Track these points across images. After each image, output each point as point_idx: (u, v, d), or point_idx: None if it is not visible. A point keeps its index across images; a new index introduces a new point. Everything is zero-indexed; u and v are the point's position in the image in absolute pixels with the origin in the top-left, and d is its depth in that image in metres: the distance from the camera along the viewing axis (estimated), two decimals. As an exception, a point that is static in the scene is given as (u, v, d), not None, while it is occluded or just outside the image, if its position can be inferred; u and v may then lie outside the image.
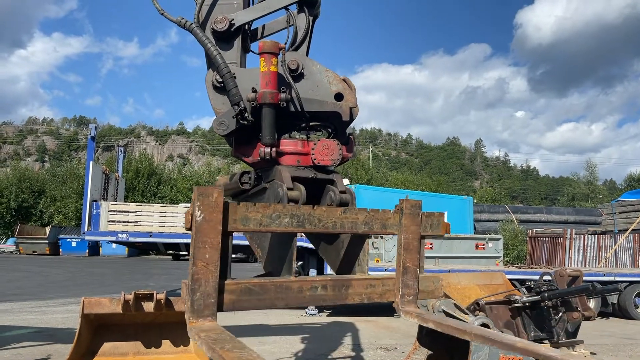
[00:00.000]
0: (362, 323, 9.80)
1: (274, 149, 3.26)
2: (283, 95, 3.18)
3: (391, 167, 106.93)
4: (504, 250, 17.84)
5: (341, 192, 3.35)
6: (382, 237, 15.74)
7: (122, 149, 16.76)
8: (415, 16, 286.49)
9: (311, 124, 3.52)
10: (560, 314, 5.45)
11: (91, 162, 10.53)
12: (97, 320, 6.10)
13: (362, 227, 3.05)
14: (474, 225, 25.17)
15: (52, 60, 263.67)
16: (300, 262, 11.99)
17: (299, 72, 3.34)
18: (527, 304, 5.30)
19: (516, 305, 5.24)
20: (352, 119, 3.44)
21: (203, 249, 2.67)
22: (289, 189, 3.18)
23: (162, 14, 3.51)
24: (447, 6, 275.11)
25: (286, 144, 3.37)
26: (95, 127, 11.36)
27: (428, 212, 3.21)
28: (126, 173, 37.35)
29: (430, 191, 42.33)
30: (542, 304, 5.35)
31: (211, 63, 3.35)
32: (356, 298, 3.04)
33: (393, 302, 3.17)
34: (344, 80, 3.46)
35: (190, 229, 2.62)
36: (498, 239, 16.76)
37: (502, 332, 3.86)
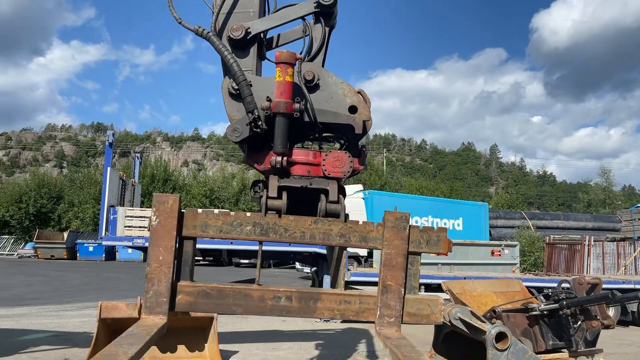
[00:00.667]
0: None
1: (285, 158, 3.27)
2: (297, 106, 3.19)
3: (405, 173, 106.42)
4: (520, 257, 17.62)
5: (331, 202, 3.27)
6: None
7: (138, 155, 16.97)
8: (430, 21, 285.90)
9: (324, 135, 3.52)
10: (579, 322, 5.35)
11: (109, 168, 10.68)
12: (113, 324, 6.17)
13: (337, 239, 2.94)
14: (490, 232, 24.92)
15: (70, 67, 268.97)
16: (314, 269, 11.99)
17: (314, 82, 3.35)
18: (545, 312, 5.22)
19: (534, 313, 5.16)
20: (365, 131, 3.44)
21: (157, 251, 2.87)
22: (273, 197, 3.20)
23: (179, 23, 3.57)
24: (462, 11, 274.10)
25: (297, 154, 3.38)
26: (113, 134, 11.51)
27: (426, 226, 2.94)
28: (142, 179, 37.78)
29: (445, 197, 42.00)
30: (561, 312, 5.26)
31: (227, 70, 3.40)
32: (326, 313, 2.96)
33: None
34: (359, 92, 3.45)
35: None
36: (514, 246, 16.55)
37: (520, 340, 3.81)
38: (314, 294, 3.01)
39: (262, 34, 3.64)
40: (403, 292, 2.83)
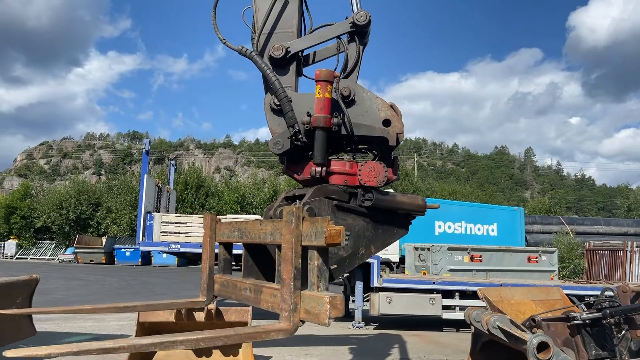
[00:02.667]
0: (409, 337, 9.61)
1: (324, 169, 3.48)
2: (335, 120, 3.41)
3: (437, 177, 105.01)
4: (559, 263, 17.08)
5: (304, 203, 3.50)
6: (428, 249, 15.45)
7: (173, 162, 17.36)
8: (461, 23, 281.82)
9: (359, 146, 3.78)
10: (623, 332, 5.14)
11: (145, 176, 10.95)
12: (150, 328, 6.31)
13: (269, 237, 3.07)
14: (526, 238, 24.28)
15: (107, 77, 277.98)
16: (345, 274, 11.93)
17: (350, 98, 3.56)
18: (587, 321, 5.03)
19: (575, 322, 4.98)
20: (398, 143, 3.63)
21: (204, 254, 3.93)
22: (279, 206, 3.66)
23: (224, 43, 3.83)
24: (495, 11, 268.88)
25: (335, 165, 3.59)
26: (149, 142, 11.81)
27: (316, 218, 2.75)
28: (176, 185, 38.61)
29: (480, 202, 41.21)
30: (604, 321, 5.06)
31: (269, 87, 3.63)
32: (264, 304, 3.15)
33: None
34: (391, 106, 3.63)
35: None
36: (552, 252, 16.06)
37: (562, 350, 3.69)
38: (260, 286, 3.25)
39: (300, 52, 3.88)
40: (293, 287, 2.75)
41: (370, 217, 3.59)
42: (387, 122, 3.57)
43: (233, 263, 4.16)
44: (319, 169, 3.45)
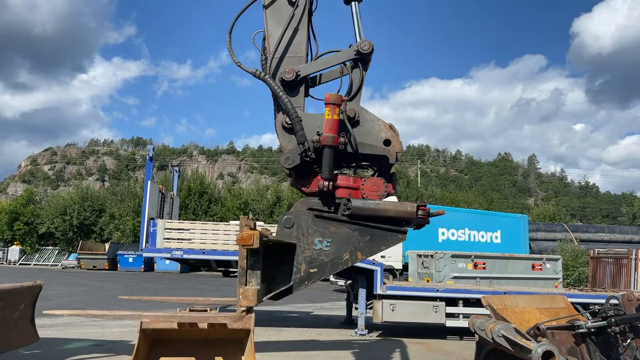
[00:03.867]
0: (413, 345, 9.56)
1: (331, 183, 3.81)
2: (342, 139, 3.77)
3: (440, 184, 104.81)
4: (563, 271, 17.00)
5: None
6: (431, 257, 15.40)
7: (177, 168, 17.40)
8: (465, 30, 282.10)
9: (362, 163, 4.11)
10: (629, 340, 5.09)
11: (149, 182, 10.96)
12: (153, 335, 6.28)
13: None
14: (530, 245, 24.16)
15: (111, 83, 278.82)
16: (349, 282, 11.91)
17: (355, 119, 3.95)
18: (592, 330, 4.99)
19: (580, 331, 4.95)
20: (396, 161, 4.02)
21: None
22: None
23: (239, 66, 4.21)
24: (498, 18, 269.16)
25: (340, 179, 3.93)
26: (153, 148, 11.83)
27: (250, 225, 3.29)
28: (180, 191, 38.68)
29: (482, 209, 41.09)
30: (609, 329, 5.02)
31: (281, 107, 4.00)
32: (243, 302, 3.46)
33: None
34: (390, 126, 4.03)
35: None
36: (557, 260, 16.00)
37: (567, 359, 3.66)
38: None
39: (308, 75, 4.29)
40: (238, 282, 3.23)
41: (356, 225, 3.82)
42: (387, 142, 3.96)
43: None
44: (326, 183, 3.78)
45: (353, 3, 4.46)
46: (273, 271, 3.78)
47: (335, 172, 3.94)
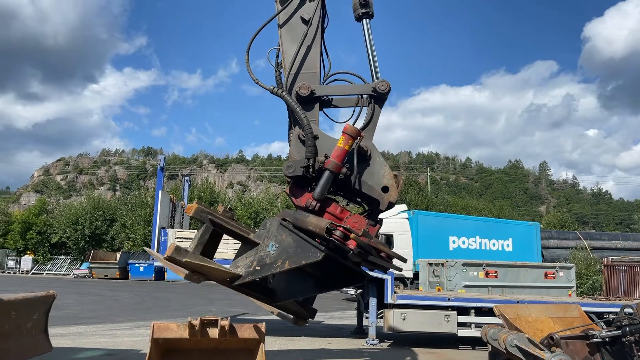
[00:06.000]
0: (424, 354, 9.48)
1: (318, 205, 3.91)
2: (344, 170, 3.89)
3: (450, 192, 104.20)
4: (576, 279, 16.77)
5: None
6: (442, 265, 15.29)
7: (187, 178, 17.52)
8: (474, 36, 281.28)
9: (355, 198, 4.23)
10: (645, 350, 5.01)
11: (160, 191, 11.05)
12: (165, 344, 6.30)
13: None
14: (542, 253, 23.90)
15: (122, 93, 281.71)
16: (359, 291, 11.86)
17: (365, 156, 4.10)
18: (606, 339, 4.92)
19: (595, 340, 4.88)
20: (387, 209, 4.13)
21: None
22: None
23: (257, 83, 4.38)
24: (508, 24, 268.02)
25: (331, 206, 4.02)
26: (164, 158, 11.94)
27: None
28: (190, 201, 38.85)
29: (493, 217, 40.76)
30: (624, 339, 4.95)
31: (297, 122, 4.19)
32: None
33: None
34: (395, 175, 4.18)
35: None
36: (570, 268, 15.79)
37: (581, 369, 3.62)
38: None
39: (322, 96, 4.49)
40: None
41: (297, 236, 3.86)
42: (385, 189, 4.08)
43: None
44: (314, 202, 3.88)
45: (364, 20, 4.57)
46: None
47: (329, 196, 4.06)
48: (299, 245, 3.79)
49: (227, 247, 11.08)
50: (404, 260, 3.96)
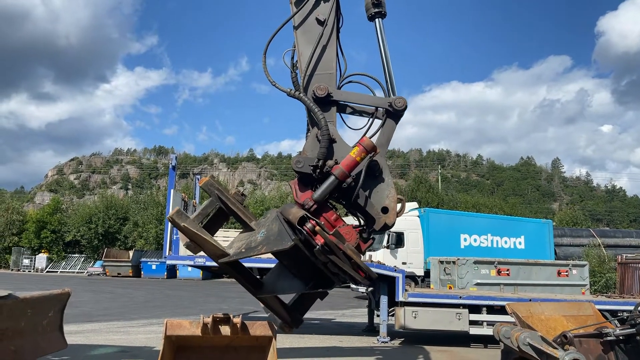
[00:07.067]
0: (436, 352, 9.45)
1: (315, 206, 3.91)
2: (349, 180, 3.89)
3: (461, 189, 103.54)
4: (590, 277, 16.59)
5: None
6: (454, 263, 15.22)
7: (199, 176, 17.64)
8: (486, 32, 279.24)
9: (352, 210, 4.21)
10: (660, 349, 4.96)
11: (172, 190, 11.13)
12: (178, 341, 6.36)
13: None
14: (555, 251, 23.67)
15: (134, 93, 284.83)
16: (370, 289, 11.85)
17: (375, 172, 4.09)
18: (621, 338, 4.87)
19: (609, 338, 4.83)
20: (381, 231, 4.16)
21: None
22: None
23: (274, 85, 4.39)
24: (521, 19, 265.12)
25: (326, 210, 4.03)
26: (176, 157, 12.02)
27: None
28: (202, 199, 39.06)
29: (505, 214, 40.44)
30: (638, 337, 4.90)
31: (315, 123, 4.21)
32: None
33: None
34: (400, 199, 4.15)
35: None
36: (583, 266, 15.64)
37: (595, 368, 3.59)
38: None
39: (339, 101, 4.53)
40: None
41: (280, 225, 3.90)
42: (385, 210, 4.06)
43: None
44: (312, 203, 3.89)
45: (377, 20, 4.61)
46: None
47: (330, 203, 4.08)
48: (279, 233, 3.83)
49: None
50: (373, 278, 3.90)
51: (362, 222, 4.26)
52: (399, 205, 4.17)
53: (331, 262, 3.69)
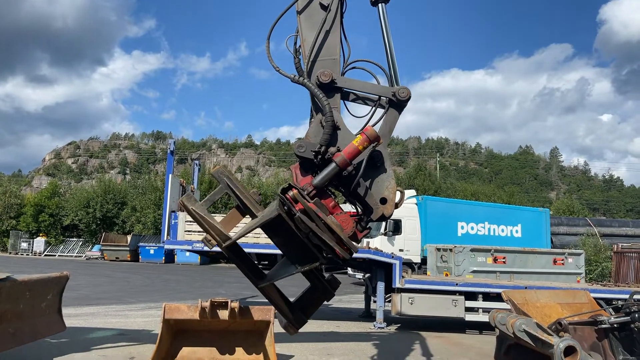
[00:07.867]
0: (432, 338, 9.55)
1: (314, 192, 3.89)
2: (350, 168, 3.86)
3: (459, 178, 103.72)
4: (585, 266, 16.71)
5: None
6: (451, 250, 15.31)
7: (197, 162, 17.59)
8: (487, 19, 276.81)
9: (351, 199, 4.19)
10: (654, 337, 5.01)
11: (170, 175, 11.12)
12: (176, 325, 6.41)
13: None
14: (551, 239, 23.81)
15: (131, 77, 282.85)
16: (367, 275, 11.93)
17: (376, 162, 4.05)
18: (615, 325, 4.93)
19: (603, 326, 4.89)
20: (378, 221, 4.14)
21: None
22: None
23: (278, 71, 4.34)
24: (522, 6, 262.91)
25: (325, 196, 4.00)
26: (174, 142, 11.98)
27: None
28: (200, 185, 39.08)
29: (502, 203, 40.55)
30: (632, 325, 4.95)
31: (319, 109, 4.17)
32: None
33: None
34: (399, 191, 4.11)
35: None
36: (579, 254, 15.74)
37: (589, 355, 3.63)
38: None
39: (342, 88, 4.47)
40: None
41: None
42: (383, 200, 4.05)
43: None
44: (311, 188, 3.88)
45: (380, 5, 4.56)
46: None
47: (330, 190, 4.06)
48: (269, 207, 3.88)
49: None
50: (354, 251, 3.86)
51: (359, 210, 4.25)
52: (398, 196, 4.17)
53: (312, 232, 3.68)
